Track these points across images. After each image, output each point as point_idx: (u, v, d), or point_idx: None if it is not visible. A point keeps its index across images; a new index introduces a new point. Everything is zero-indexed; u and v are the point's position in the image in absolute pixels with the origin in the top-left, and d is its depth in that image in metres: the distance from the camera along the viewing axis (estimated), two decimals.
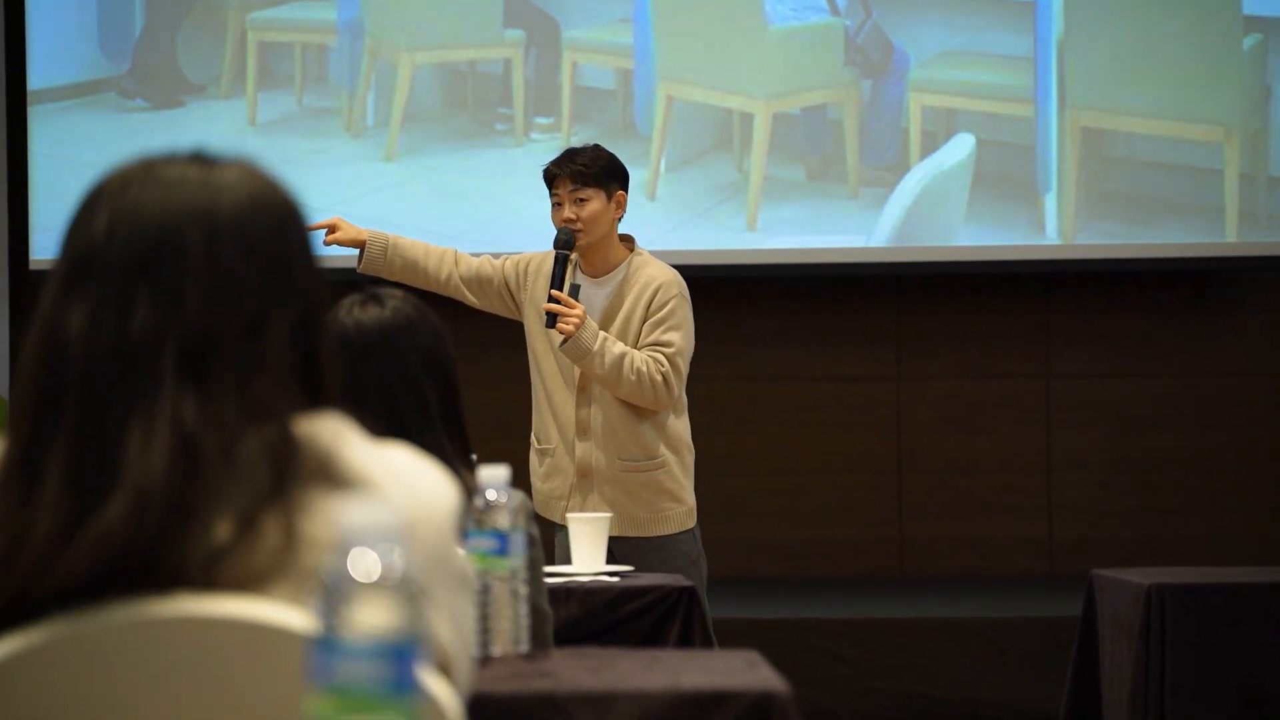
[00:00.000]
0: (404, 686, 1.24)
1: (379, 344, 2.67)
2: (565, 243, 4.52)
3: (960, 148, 6.80)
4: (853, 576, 7.04)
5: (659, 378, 4.47)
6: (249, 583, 1.43)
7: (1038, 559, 7.03)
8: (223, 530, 1.44)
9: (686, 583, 3.89)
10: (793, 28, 6.83)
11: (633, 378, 4.44)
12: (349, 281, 3.42)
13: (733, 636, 4.51)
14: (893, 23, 6.80)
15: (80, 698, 1.43)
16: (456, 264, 4.67)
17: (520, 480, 2.36)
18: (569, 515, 4.04)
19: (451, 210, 6.78)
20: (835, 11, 6.82)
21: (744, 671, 2.15)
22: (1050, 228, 6.79)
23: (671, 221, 6.70)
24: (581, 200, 4.55)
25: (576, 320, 4.40)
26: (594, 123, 6.78)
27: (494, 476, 2.30)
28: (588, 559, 3.96)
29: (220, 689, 1.43)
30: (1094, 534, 6.98)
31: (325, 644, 1.24)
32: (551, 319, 4.42)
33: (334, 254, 4.72)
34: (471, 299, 4.69)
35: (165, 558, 1.43)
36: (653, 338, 4.52)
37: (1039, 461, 7.06)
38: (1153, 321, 7.00)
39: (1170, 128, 6.77)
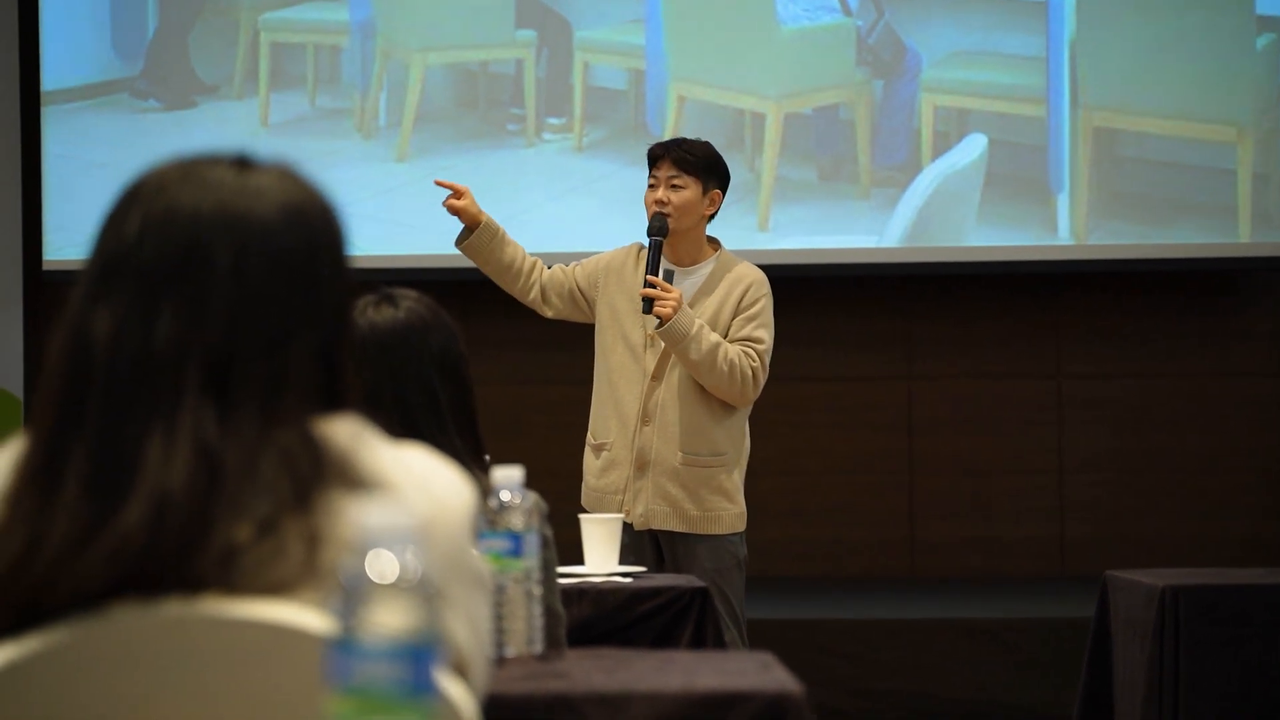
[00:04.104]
0: (421, 688, 1.24)
1: (393, 344, 2.67)
2: (660, 229, 4.51)
3: (972, 148, 6.80)
4: (863, 577, 7.03)
5: (749, 372, 4.47)
6: (275, 591, 1.43)
7: (1049, 559, 7.03)
8: (243, 536, 1.44)
9: (699, 583, 3.88)
10: (804, 28, 6.82)
11: (725, 368, 4.43)
12: (362, 281, 3.42)
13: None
14: (905, 23, 6.80)
15: (96, 699, 1.43)
16: (540, 273, 4.68)
17: (536, 481, 2.36)
18: (582, 516, 4.03)
19: None
20: (847, 12, 6.82)
21: (758, 673, 2.15)
22: (1062, 228, 6.78)
23: None
24: (676, 186, 4.55)
25: (674, 304, 4.39)
26: (606, 123, 6.78)
27: (508, 477, 2.30)
28: (600, 559, 3.96)
29: (238, 691, 1.43)
30: (1105, 534, 6.97)
31: (343, 645, 1.24)
32: (648, 304, 4.40)
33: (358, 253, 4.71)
34: (546, 310, 4.71)
35: (184, 564, 1.43)
36: (744, 333, 4.52)
37: (1050, 462, 7.05)
38: (1165, 322, 6.99)
39: (1183, 128, 6.76)
